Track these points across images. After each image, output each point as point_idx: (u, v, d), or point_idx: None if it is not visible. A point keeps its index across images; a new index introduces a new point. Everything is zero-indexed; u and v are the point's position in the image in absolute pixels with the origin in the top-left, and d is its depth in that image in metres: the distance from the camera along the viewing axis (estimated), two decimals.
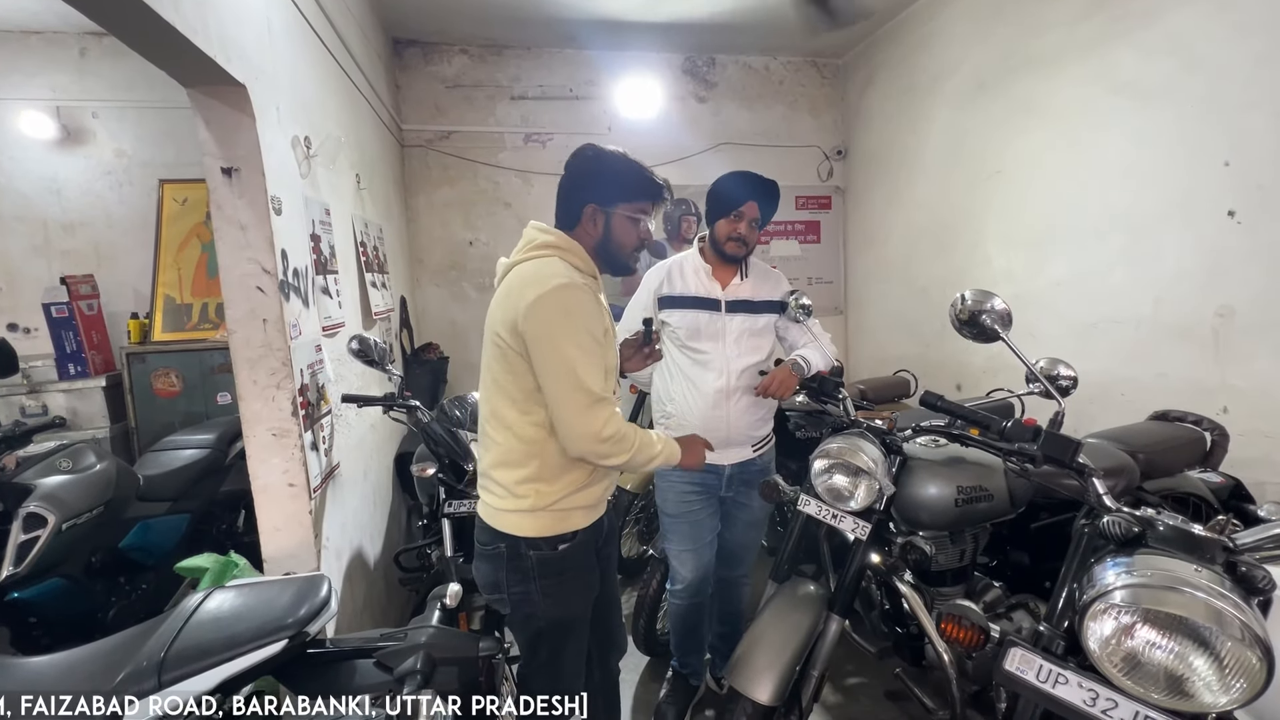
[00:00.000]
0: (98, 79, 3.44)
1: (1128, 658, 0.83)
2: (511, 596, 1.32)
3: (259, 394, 1.68)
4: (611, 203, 1.34)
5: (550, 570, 1.31)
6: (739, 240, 1.85)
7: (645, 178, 1.35)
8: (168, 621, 1.12)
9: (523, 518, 1.30)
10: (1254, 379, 2.11)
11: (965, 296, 1.22)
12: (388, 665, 1.14)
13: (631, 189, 1.34)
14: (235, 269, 1.63)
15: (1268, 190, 2.03)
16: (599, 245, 1.37)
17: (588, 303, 1.26)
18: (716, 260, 1.92)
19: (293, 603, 1.14)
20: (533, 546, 1.31)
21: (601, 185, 1.34)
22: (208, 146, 1.57)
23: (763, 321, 1.93)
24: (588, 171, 1.35)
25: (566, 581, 1.34)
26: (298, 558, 1.75)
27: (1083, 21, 2.57)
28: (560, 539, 1.33)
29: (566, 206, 1.36)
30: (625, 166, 1.35)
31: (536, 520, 1.31)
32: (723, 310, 1.88)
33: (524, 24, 3.72)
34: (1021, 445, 1.12)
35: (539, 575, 1.31)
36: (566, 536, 1.33)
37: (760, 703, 1.38)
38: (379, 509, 2.61)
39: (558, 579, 1.32)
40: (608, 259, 1.39)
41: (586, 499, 1.36)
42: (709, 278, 1.91)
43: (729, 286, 1.91)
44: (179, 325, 3.39)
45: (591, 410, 1.23)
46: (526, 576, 1.31)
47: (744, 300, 1.91)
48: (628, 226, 1.36)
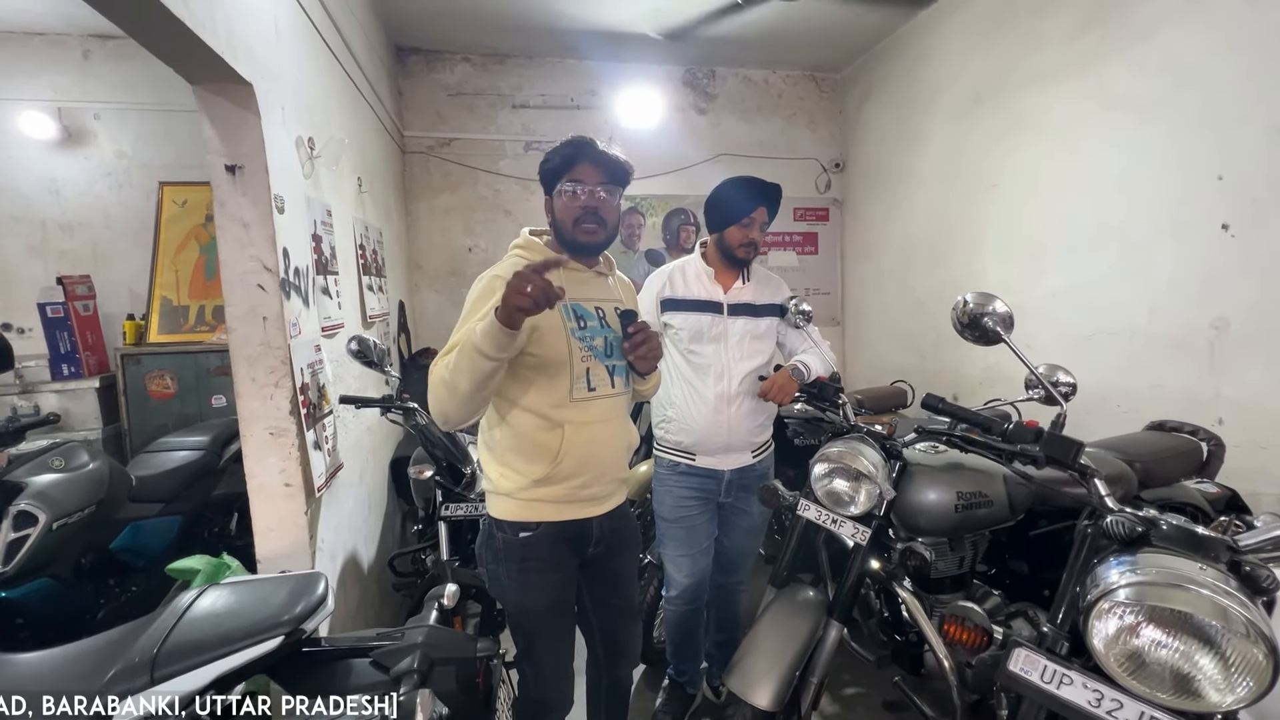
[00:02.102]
0: (100, 81, 3.45)
1: (1133, 657, 0.82)
2: (487, 572, 1.41)
3: (257, 392, 1.67)
4: (550, 188, 1.40)
5: (512, 556, 1.36)
6: (751, 245, 1.87)
7: (565, 148, 1.37)
8: (161, 618, 1.10)
9: (495, 500, 1.38)
10: (1248, 390, 2.12)
11: (967, 299, 1.23)
12: (384, 665, 1.13)
13: (557, 166, 1.38)
14: (237, 266, 1.63)
15: (1261, 203, 2.06)
16: (557, 231, 1.42)
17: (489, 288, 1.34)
18: (720, 264, 1.93)
19: (289, 600, 1.12)
20: (500, 529, 1.37)
21: (544, 177, 1.42)
22: (212, 144, 1.57)
23: (764, 325, 1.94)
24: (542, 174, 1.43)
25: (527, 571, 1.36)
26: (292, 559, 1.73)
27: (1078, 38, 2.61)
28: (522, 526, 1.35)
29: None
30: (555, 150, 1.39)
31: (504, 504, 1.36)
32: (725, 313, 1.89)
33: (526, 33, 3.75)
34: (1024, 446, 1.12)
35: (504, 558, 1.36)
36: (529, 525, 1.35)
37: (760, 708, 1.36)
38: (374, 513, 2.59)
39: (518, 565, 1.36)
40: (562, 241, 1.42)
41: (550, 494, 1.35)
42: (711, 281, 1.92)
43: (731, 290, 1.92)
44: (175, 327, 3.37)
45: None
46: (496, 557, 1.38)
47: (746, 304, 1.92)
48: (564, 202, 1.38)
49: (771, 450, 2.05)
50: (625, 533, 1.55)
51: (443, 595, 1.32)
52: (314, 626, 1.12)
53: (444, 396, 1.22)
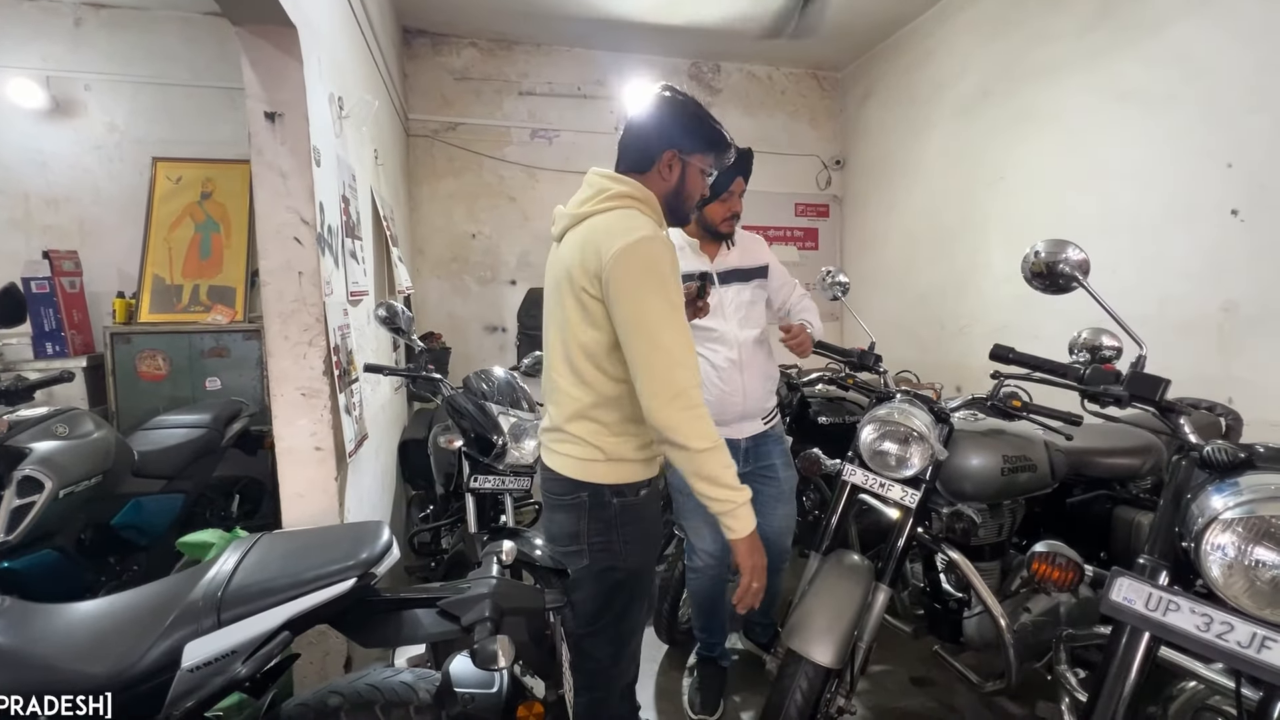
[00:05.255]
0: (93, 50, 3.32)
1: (1246, 576, 0.83)
2: (592, 546, 1.30)
3: (289, 350, 1.60)
4: (691, 151, 1.29)
5: (632, 517, 1.31)
6: (735, 217, 1.88)
7: (723, 134, 1.32)
8: (216, 565, 1.03)
9: (604, 466, 1.29)
10: (1258, 371, 2.19)
11: (1039, 249, 1.24)
12: (454, 614, 1.08)
13: (710, 141, 1.30)
14: (273, 218, 1.56)
15: (1270, 189, 2.14)
16: (670, 194, 1.31)
17: (672, 258, 1.20)
18: (703, 236, 1.93)
19: (354, 544, 1.06)
20: (617, 494, 1.29)
21: (685, 132, 1.28)
22: (252, 89, 1.51)
23: (752, 288, 1.95)
24: (673, 116, 1.28)
25: (646, 529, 1.34)
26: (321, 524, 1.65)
27: (1088, 33, 2.70)
28: (641, 485, 1.32)
29: (642, 148, 1.29)
30: (706, 118, 1.31)
31: (617, 469, 1.29)
32: (717, 283, 1.89)
33: (535, 20, 3.74)
34: (1106, 387, 1.13)
35: (621, 523, 1.30)
36: (645, 483, 1.33)
37: (821, 664, 1.34)
38: (386, 493, 2.51)
39: (638, 526, 1.32)
40: (674, 209, 1.34)
41: (654, 451, 1.34)
42: (697, 253, 1.92)
43: (717, 258, 1.93)
44: (168, 306, 3.24)
45: (672, 371, 1.17)
46: (609, 525, 1.29)
47: (735, 269, 1.93)
48: (698, 179, 1.33)
49: (779, 416, 2.05)
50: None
51: (501, 550, 1.26)
52: (382, 572, 1.07)
53: (692, 439, 1.19)
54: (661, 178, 1.30)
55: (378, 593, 1.14)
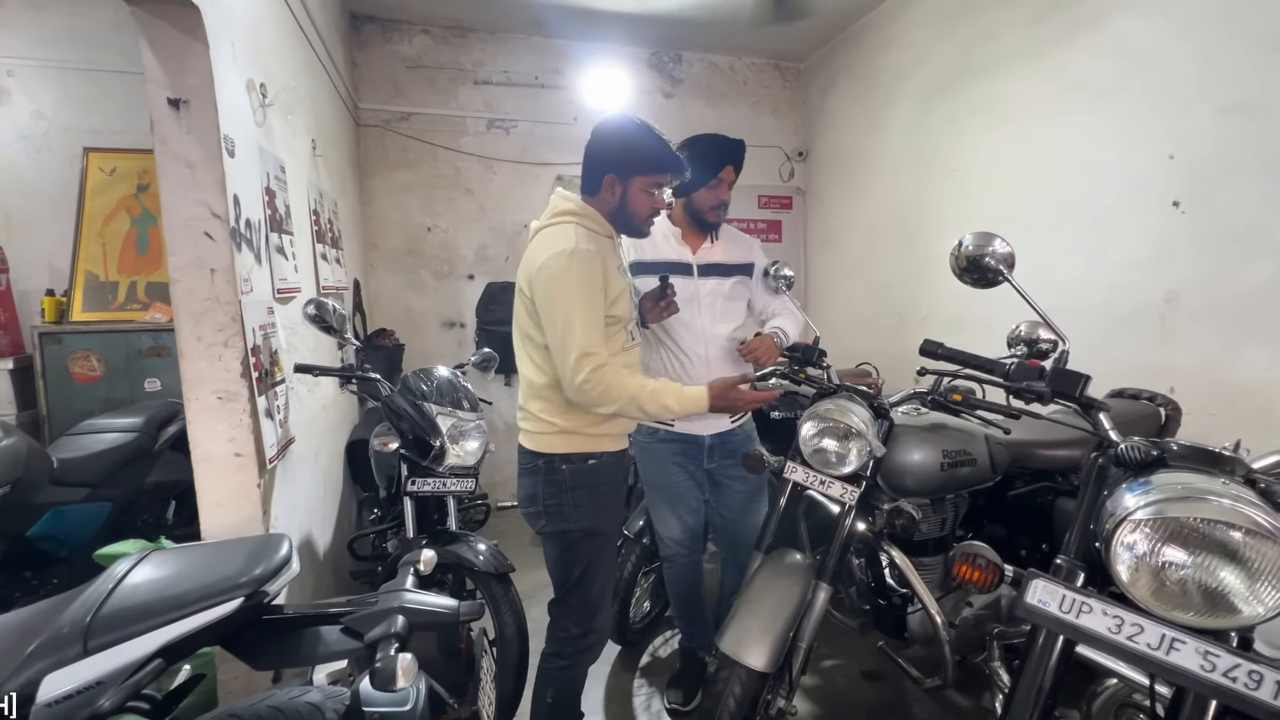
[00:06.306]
0: (15, 34, 3.14)
1: (1156, 577, 0.81)
2: (546, 509, 1.47)
3: (203, 352, 1.52)
4: (629, 175, 1.45)
5: (581, 482, 1.47)
6: (723, 206, 1.84)
7: (664, 153, 1.45)
8: (94, 585, 0.96)
9: (556, 438, 1.47)
10: (1198, 359, 2.22)
11: (965, 241, 1.22)
12: (357, 631, 1.02)
13: (649, 163, 1.45)
14: (180, 211, 1.48)
15: (1209, 181, 2.16)
16: (614, 211, 1.49)
17: (587, 267, 1.36)
18: (687, 225, 1.89)
19: (247, 561, 1.00)
20: (565, 461, 1.47)
21: (621, 158, 1.45)
22: (153, 73, 1.42)
23: (732, 285, 1.91)
24: (609, 143, 1.45)
25: (597, 495, 1.49)
26: (244, 535, 1.58)
27: (1037, 25, 2.70)
28: (590, 455, 1.48)
29: (589, 174, 1.48)
30: (645, 141, 1.44)
31: (568, 440, 1.47)
32: (695, 274, 1.85)
33: (489, 6, 3.63)
34: (1029, 383, 1.11)
35: (570, 487, 1.46)
36: (595, 455, 1.49)
37: (755, 668, 1.32)
38: (330, 495, 2.43)
39: (588, 490, 1.47)
40: (621, 224, 1.52)
41: (612, 428, 1.51)
42: (679, 241, 1.88)
43: (700, 250, 1.89)
44: (103, 304, 3.10)
45: (578, 363, 1.34)
46: (560, 489, 1.46)
47: (716, 263, 1.89)
48: (641, 197, 1.48)
49: (749, 414, 2.02)
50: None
51: (418, 560, 1.21)
52: (277, 590, 1.00)
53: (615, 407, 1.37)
54: (605, 199, 1.49)
55: (278, 609, 1.08)
